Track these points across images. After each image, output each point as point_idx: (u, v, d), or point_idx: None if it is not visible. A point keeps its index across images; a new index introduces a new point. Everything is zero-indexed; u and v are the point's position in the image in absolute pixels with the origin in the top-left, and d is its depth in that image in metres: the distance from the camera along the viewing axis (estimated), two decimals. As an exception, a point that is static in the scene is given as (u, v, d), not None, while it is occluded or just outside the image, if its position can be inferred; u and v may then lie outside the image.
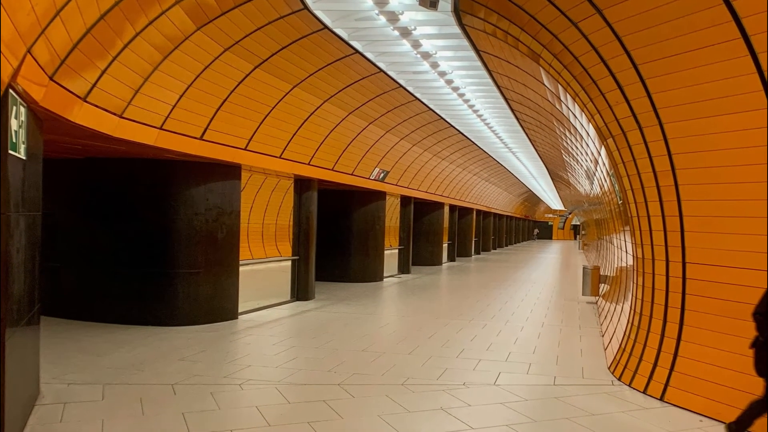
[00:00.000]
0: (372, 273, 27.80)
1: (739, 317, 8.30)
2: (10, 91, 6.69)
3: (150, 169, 15.23)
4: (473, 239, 51.65)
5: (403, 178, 29.43)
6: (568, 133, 20.62)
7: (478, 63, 16.95)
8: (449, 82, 19.59)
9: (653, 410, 9.46)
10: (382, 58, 16.86)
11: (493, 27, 12.92)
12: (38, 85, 7.93)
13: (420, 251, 38.05)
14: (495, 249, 65.42)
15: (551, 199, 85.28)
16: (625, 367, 11.21)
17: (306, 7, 12.79)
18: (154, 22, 10.59)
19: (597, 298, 22.03)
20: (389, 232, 31.21)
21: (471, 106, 23.35)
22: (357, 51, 15.63)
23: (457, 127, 27.35)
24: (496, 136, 30.22)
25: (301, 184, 21.15)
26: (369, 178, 25.26)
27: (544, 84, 15.41)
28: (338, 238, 26.97)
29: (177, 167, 15.29)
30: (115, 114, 11.31)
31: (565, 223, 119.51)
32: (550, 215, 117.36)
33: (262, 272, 22.69)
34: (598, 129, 12.91)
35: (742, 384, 8.40)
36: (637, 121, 10.04)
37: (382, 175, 26.29)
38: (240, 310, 16.97)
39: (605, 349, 13.61)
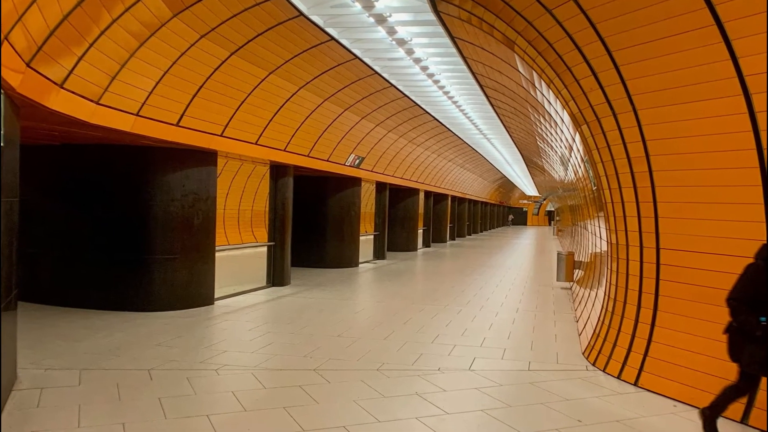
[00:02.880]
0: (347, 259, 27.85)
1: (714, 303, 8.36)
2: (-13, 78, 6.71)
3: (127, 156, 15.20)
4: (448, 225, 51.72)
5: (378, 164, 29.46)
6: (542, 120, 20.70)
7: (453, 50, 16.98)
8: (424, 68, 19.61)
9: (627, 395, 9.54)
10: (357, 44, 16.87)
11: (468, 14, 12.97)
12: (15, 72, 7.94)
13: (395, 237, 38.14)
14: (470, 235, 65.55)
15: (526, 185, 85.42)
16: (599, 352, 11.30)
17: (282, -7, 12.83)
18: (131, 8, 10.60)
19: (571, 283, 22.17)
20: (365, 218, 31.28)
21: (446, 93, 23.38)
22: (332, 38, 15.64)
23: (432, 114, 27.39)
24: (471, 122, 30.27)
25: (277, 171, 21.14)
26: (344, 165, 25.28)
27: (518, 71, 15.48)
28: (314, 224, 26.99)
29: (153, 153, 15.26)
30: (91, 100, 11.30)
31: (539, 209, 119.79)
32: (525, 201, 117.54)
33: (238, 258, 22.73)
34: (572, 115, 12.98)
35: (716, 369, 8.48)
36: (611, 108, 10.10)
37: (357, 161, 26.31)
38: (216, 296, 16.97)
39: (580, 335, 13.71)
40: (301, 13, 13.84)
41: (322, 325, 14.30)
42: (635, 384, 9.96)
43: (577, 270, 22.02)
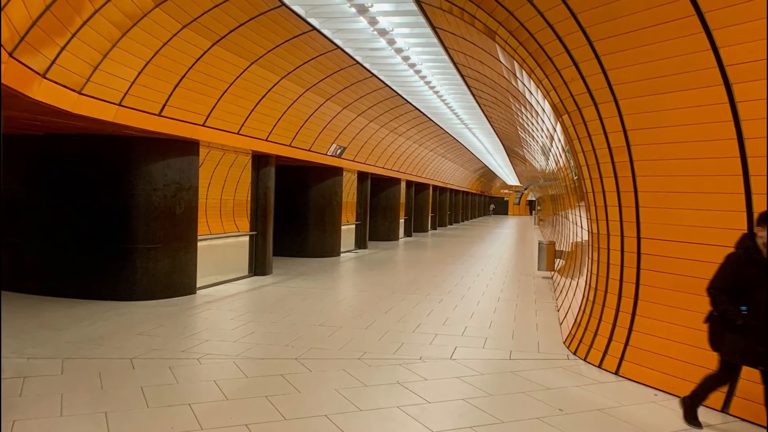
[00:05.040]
0: (329, 248, 27.88)
1: (694, 292, 8.42)
2: (-30, 68, 6.71)
3: (109, 145, 15.18)
4: (430, 214, 51.79)
5: (360, 154, 29.47)
6: (524, 110, 20.76)
7: (435, 40, 17.00)
8: (406, 58, 19.63)
9: (608, 384, 9.61)
10: (339, 35, 16.87)
11: (450, 4, 12.99)
12: (-3, 62, 7.94)
13: (377, 226, 38.16)
14: (451, 224, 65.66)
15: (507, 174, 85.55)
16: (580, 341, 11.36)
17: (264, -17, 12.82)
18: (113, -2, 10.61)
19: (552, 273, 22.26)
20: (346, 208, 31.35)
21: (427, 83, 23.41)
22: (314, 28, 15.64)
23: (413, 104, 27.41)
24: (453, 112, 30.31)
25: (259, 160, 21.14)
26: (326, 154, 25.27)
27: (500, 61, 15.51)
28: (296, 213, 26.99)
29: (136, 143, 15.25)
30: (74, 90, 11.30)
31: (520, 198, 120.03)
32: (506, 191, 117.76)
33: (220, 247, 22.76)
34: (553, 105, 13.02)
35: (696, 358, 8.55)
36: (592, 98, 10.14)
37: (339, 151, 26.31)
38: (198, 285, 17.00)
39: (561, 324, 13.78)
40: (283, 3, 13.83)
41: (304, 315, 14.33)
42: (616, 373, 10.02)
43: (558, 259, 22.12)
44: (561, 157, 18.08)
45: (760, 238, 7.04)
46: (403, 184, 41.86)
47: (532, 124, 21.65)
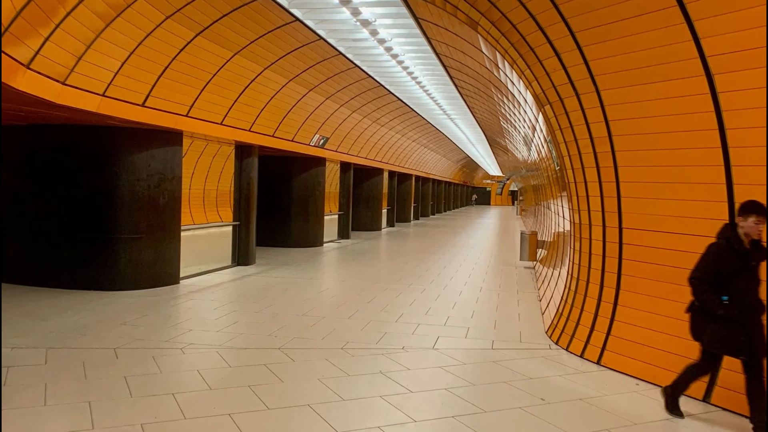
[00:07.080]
0: (312, 238, 27.89)
1: (676, 282, 8.47)
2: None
3: (93, 136, 15.17)
4: (412, 205, 51.84)
5: (342, 144, 29.47)
6: (506, 100, 20.81)
7: (417, 30, 17.03)
8: (388, 49, 19.64)
9: (590, 374, 9.66)
10: (322, 25, 16.88)
11: (432, -5, 13.02)
12: (-19, 53, 7.93)
13: (359, 217, 38.16)
14: (434, 215, 65.67)
15: (489, 165, 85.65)
16: (562, 331, 11.41)
17: (247, -26, 12.80)
18: (96, -12, 10.59)
19: (535, 263, 22.33)
20: (329, 198, 31.35)
21: (410, 74, 23.43)
22: (297, 18, 15.63)
23: (396, 94, 27.42)
24: (435, 102, 30.34)
25: (242, 151, 21.13)
26: (309, 145, 25.25)
27: (482, 51, 15.54)
28: (279, 203, 26.98)
29: (119, 133, 15.23)
30: (58, 81, 11.27)
31: (503, 188, 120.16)
32: (489, 181, 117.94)
33: (204, 237, 22.72)
34: (535, 96, 13.05)
35: (678, 348, 8.60)
36: (574, 88, 10.17)
37: (322, 141, 26.31)
38: (181, 275, 17.00)
39: (543, 314, 13.84)
40: (266, -6, 13.85)
41: (287, 305, 14.35)
42: (598, 363, 10.07)
43: (540, 249, 22.18)
44: (543, 147, 18.14)
45: (742, 228, 7.11)
46: (385, 175, 41.85)
47: (515, 114, 21.71)
